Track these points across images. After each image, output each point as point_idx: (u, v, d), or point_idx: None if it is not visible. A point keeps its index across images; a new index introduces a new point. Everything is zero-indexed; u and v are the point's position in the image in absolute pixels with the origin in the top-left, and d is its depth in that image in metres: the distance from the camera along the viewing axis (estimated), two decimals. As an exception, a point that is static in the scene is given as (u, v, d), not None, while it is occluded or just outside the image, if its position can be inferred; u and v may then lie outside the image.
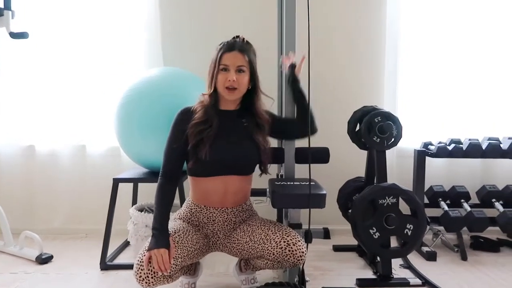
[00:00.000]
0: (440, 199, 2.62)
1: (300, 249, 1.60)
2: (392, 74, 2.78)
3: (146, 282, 1.52)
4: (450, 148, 2.48)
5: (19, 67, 2.76)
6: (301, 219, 1.89)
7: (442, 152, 2.47)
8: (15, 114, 2.80)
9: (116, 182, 2.26)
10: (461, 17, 2.80)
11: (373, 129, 2.05)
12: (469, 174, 2.83)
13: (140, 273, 1.52)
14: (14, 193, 2.82)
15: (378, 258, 2.09)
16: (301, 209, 1.88)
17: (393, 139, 2.08)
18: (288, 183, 1.84)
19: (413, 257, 2.34)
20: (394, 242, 2.39)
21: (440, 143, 2.57)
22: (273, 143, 1.90)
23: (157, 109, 2.10)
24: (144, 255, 1.54)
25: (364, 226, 1.95)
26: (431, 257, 2.36)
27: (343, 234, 2.61)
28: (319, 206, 1.70)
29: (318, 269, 2.23)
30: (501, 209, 2.51)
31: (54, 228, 2.80)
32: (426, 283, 2.04)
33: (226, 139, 1.68)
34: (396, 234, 2.00)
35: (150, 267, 1.51)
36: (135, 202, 2.63)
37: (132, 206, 2.49)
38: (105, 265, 2.23)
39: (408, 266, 2.24)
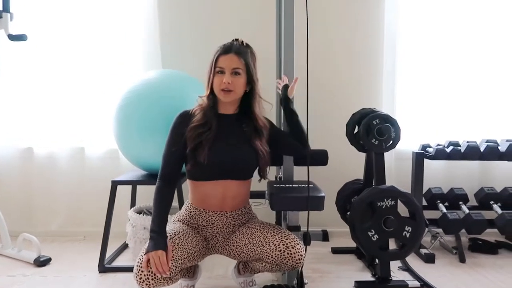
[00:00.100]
0: (439, 201, 2.62)
1: (299, 252, 1.59)
2: (391, 76, 2.79)
3: (147, 284, 1.52)
4: (448, 150, 2.49)
5: (17, 69, 2.75)
6: (300, 221, 1.89)
7: (440, 154, 2.48)
8: (13, 116, 2.79)
9: (115, 184, 2.25)
10: (459, 19, 2.80)
11: (372, 131, 2.05)
12: (467, 176, 2.84)
13: (140, 275, 1.52)
14: (12, 195, 2.81)
15: (377, 261, 2.09)
16: (299, 212, 1.88)
17: (391, 142, 2.07)
18: (287, 185, 1.84)
19: (412, 259, 2.34)
20: (393, 244, 2.40)
21: (438, 145, 2.58)
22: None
23: (155, 111, 2.10)
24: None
25: (362, 228, 1.95)
26: (429, 259, 2.36)
27: (342, 236, 2.61)
28: (317, 208, 1.70)
29: (316, 271, 2.23)
30: (499, 211, 2.51)
31: (52, 231, 2.80)
32: (424, 285, 2.04)
33: (225, 141, 1.68)
34: (394, 236, 2.00)
35: (150, 269, 1.51)
36: (133, 204, 2.62)
37: (131, 208, 2.49)
38: (104, 268, 2.22)
39: (407, 268, 2.24)
